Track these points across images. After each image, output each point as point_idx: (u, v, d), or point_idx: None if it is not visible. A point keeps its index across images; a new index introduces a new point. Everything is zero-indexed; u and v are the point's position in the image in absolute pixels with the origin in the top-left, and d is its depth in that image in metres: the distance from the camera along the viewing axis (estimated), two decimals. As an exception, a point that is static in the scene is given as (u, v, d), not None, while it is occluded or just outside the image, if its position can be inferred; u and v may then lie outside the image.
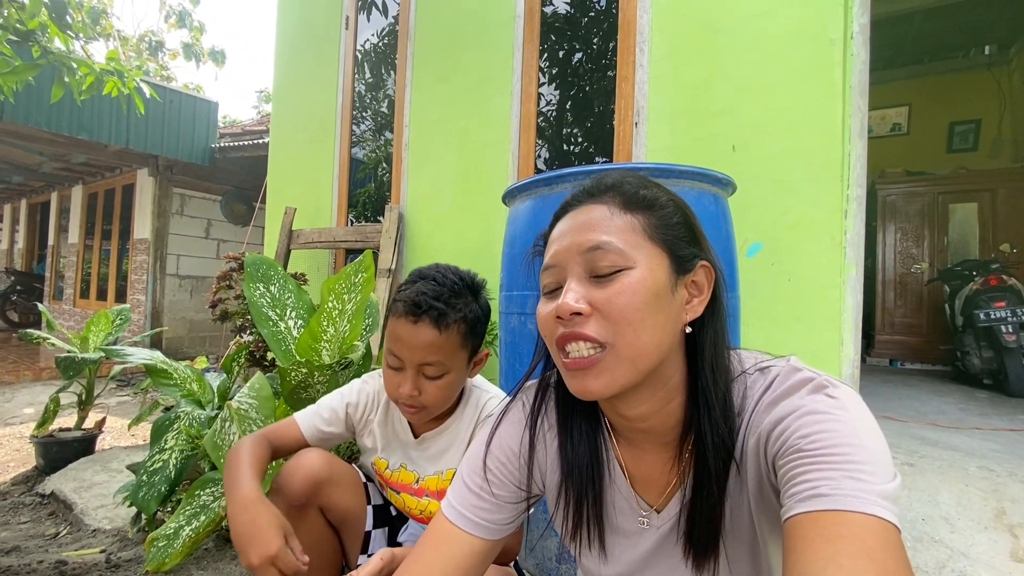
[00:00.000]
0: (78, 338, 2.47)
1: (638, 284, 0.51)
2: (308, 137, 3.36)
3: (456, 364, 0.91)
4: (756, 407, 0.52)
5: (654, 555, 0.60)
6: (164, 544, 1.22)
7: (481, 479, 0.64)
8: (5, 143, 5.54)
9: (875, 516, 0.39)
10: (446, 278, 0.91)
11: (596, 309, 0.51)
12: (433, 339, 0.86)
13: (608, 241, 0.52)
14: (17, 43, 2.70)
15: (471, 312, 0.91)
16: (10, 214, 9.11)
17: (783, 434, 0.47)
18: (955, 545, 1.31)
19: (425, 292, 0.87)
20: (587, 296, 0.52)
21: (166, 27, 6.06)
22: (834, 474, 0.41)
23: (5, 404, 3.89)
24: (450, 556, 0.60)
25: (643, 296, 0.51)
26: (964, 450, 1.88)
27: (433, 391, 0.90)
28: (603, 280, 0.52)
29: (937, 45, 4.41)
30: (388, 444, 1.05)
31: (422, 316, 0.86)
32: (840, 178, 1.57)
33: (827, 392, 0.48)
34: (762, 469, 0.51)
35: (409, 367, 0.89)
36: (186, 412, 1.54)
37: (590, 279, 0.53)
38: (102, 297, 6.78)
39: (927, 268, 4.14)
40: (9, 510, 2.05)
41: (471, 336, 0.91)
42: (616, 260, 0.52)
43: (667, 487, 0.59)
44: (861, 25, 1.60)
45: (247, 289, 1.54)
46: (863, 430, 0.44)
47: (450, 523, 0.62)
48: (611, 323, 0.51)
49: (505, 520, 0.64)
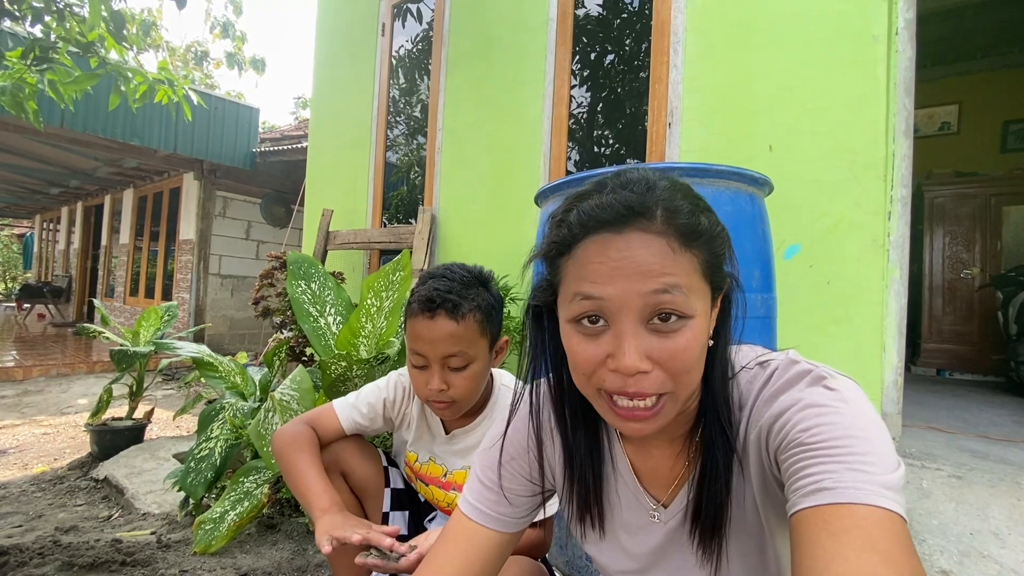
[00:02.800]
0: (130, 333, 2.61)
1: (700, 335, 0.48)
2: (345, 142, 3.46)
3: (478, 353, 0.93)
4: (756, 401, 0.52)
5: (664, 549, 0.61)
6: (211, 527, 1.28)
7: (494, 474, 0.65)
8: (64, 148, 5.90)
9: (879, 507, 0.39)
10: (454, 273, 0.95)
11: (657, 364, 0.47)
12: (452, 330, 0.90)
13: (676, 285, 0.46)
14: (77, 54, 2.88)
15: (484, 301, 0.94)
16: (67, 216, 9.66)
17: (784, 427, 0.47)
18: (1005, 561, 1.25)
19: (438, 288, 0.91)
20: (649, 349, 0.47)
21: (211, 37, 6.34)
22: (836, 467, 0.41)
23: (61, 395, 4.13)
24: (467, 549, 0.62)
25: (702, 345, 0.49)
26: (1018, 464, 1.78)
27: (461, 383, 0.92)
28: (664, 330, 0.47)
29: (989, 41, 4.20)
30: (419, 438, 1.09)
31: (437, 310, 0.90)
32: (883, 178, 1.52)
33: (826, 384, 0.48)
34: (764, 462, 0.51)
35: (433, 362, 0.92)
36: (231, 403, 1.61)
37: (647, 325, 0.47)
38: (150, 295, 7.12)
39: (978, 273, 3.94)
40: (66, 493, 2.18)
41: (488, 324, 0.94)
42: (680, 307, 0.47)
43: (673, 481, 0.60)
44: (907, 20, 1.55)
45: (290, 286, 1.61)
46: (864, 421, 0.44)
47: (466, 518, 0.64)
48: (670, 375, 0.48)
49: (519, 514, 0.65)
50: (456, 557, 0.61)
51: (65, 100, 2.87)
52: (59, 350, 5.83)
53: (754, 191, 1.26)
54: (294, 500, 1.56)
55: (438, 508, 1.09)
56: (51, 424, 3.33)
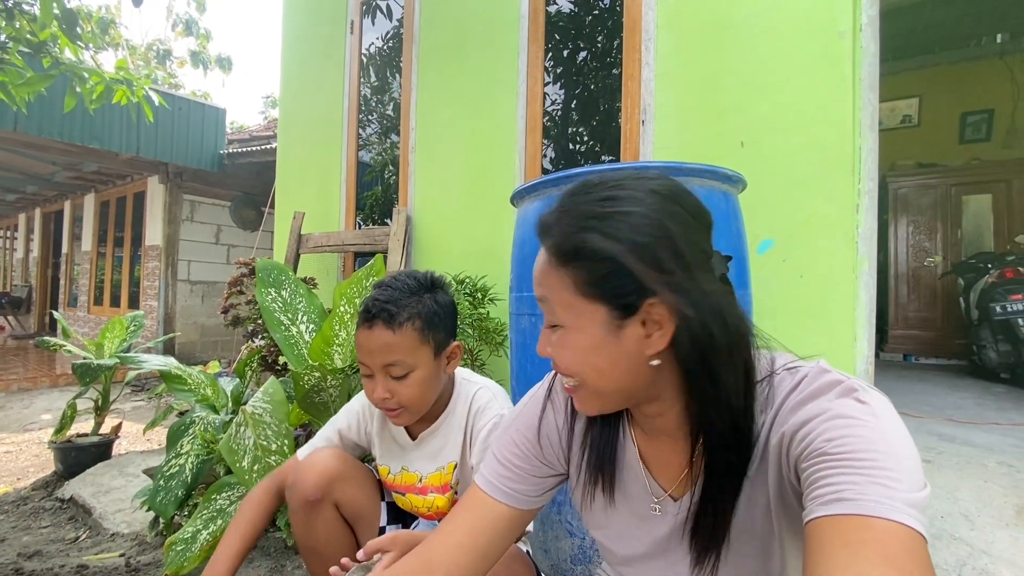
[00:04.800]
0: (93, 345, 2.50)
1: (573, 341, 0.54)
2: (315, 141, 3.38)
3: (419, 361, 0.93)
4: (782, 406, 0.52)
5: (668, 540, 0.61)
6: (182, 548, 1.23)
7: (509, 453, 0.68)
8: (19, 153, 5.63)
9: (899, 523, 0.38)
10: (399, 281, 0.96)
11: (554, 356, 0.57)
12: (388, 339, 0.91)
13: (545, 298, 0.56)
14: (29, 54, 2.74)
15: (424, 308, 0.94)
16: (25, 223, 9.25)
17: (808, 436, 0.46)
18: (975, 542, 1.29)
19: (377, 298, 0.93)
20: (548, 343, 0.57)
21: (173, 35, 6.12)
22: (859, 479, 0.40)
23: (23, 410, 3.95)
24: (479, 518, 0.65)
25: (578, 352, 0.54)
26: (982, 446, 1.85)
27: (404, 391, 0.93)
28: (553, 330, 0.56)
29: (948, 34, 4.34)
30: (387, 451, 1.08)
31: (375, 320, 0.91)
32: (851, 172, 1.55)
33: (857, 396, 0.47)
34: (783, 469, 0.50)
35: (376, 371, 0.93)
36: (201, 417, 1.56)
37: (548, 325, 0.57)
38: (115, 304, 6.87)
39: (941, 261, 4.08)
40: (30, 515, 2.08)
41: (429, 331, 0.94)
42: (555, 316, 0.56)
43: (681, 475, 0.60)
44: (870, 17, 1.58)
45: (259, 294, 1.56)
46: (893, 437, 0.43)
47: (482, 491, 0.67)
48: (566, 368, 0.56)
49: (532, 492, 0.68)
50: (467, 523, 0.64)
51: (17, 102, 2.74)
52: (20, 363, 5.58)
53: (727, 188, 1.27)
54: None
55: (419, 515, 1.09)
56: (13, 442, 3.18)
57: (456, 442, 1.02)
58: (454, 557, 0.60)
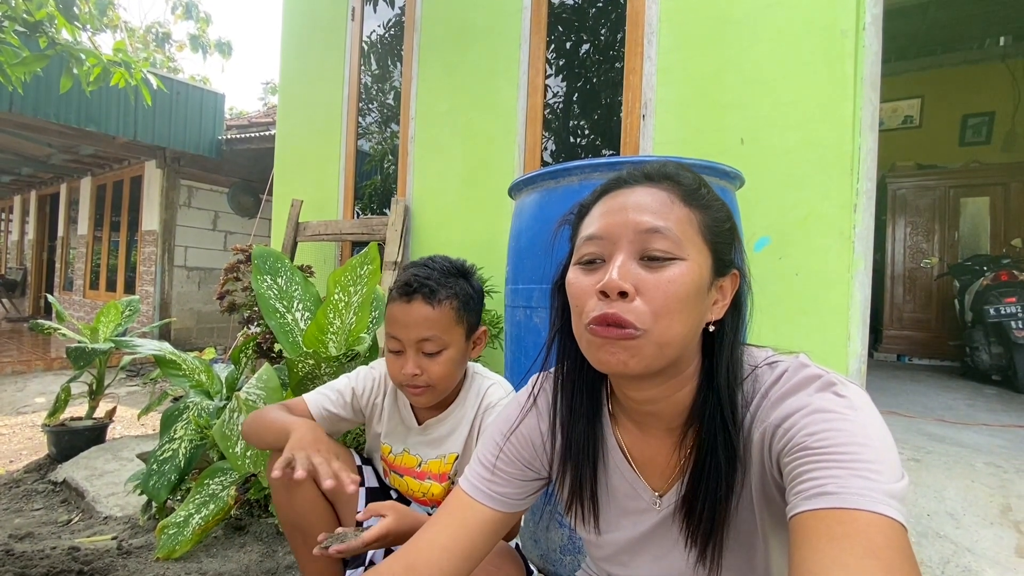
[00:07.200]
0: (88, 329, 2.50)
1: (686, 276, 0.51)
2: (314, 129, 3.36)
3: (453, 339, 0.95)
4: (763, 401, 0.53)
5: (653, 536, 0.62)
6: (175, 532, 1.24)
7: (492, 456, 0.69)
8: (14, 135, 5.58)
9: (882, 515, 0.38)
10: (435, 263, 0.98)
11: (641, 293, 0.51)
12: (428, 314, 0.92)
13: (668, 227, 0.52)
14: (25, 34, 2.70)
15: (462, 290, 0.96)
16: (20, 206, 9.19)
17: (789, 431, 0.47)
18: (960, 540, 1.31)
19: (417, 274, 0.94)
20: (636, 277, 0.51)
21: (172, 18, 6.05)
22: (841, 472, 0.41)
23: (17, 393, 3.95)
24: (463, 521, 0.65)
25: (687, 289, 0.51)
26: (971, 446, 1.87)
27: (435, 368, 0.94)
28: (654, 265, 0.52)
29: (951, 36, 4.33)
30: (393, 430, 1.09)
31: (414, 294, 0.92)
32: (850, 172, 1.55)
33: (835, 390, 0.48)
34: (766, 464, 0.51)
35: (408, 347, 0.94)
36: (195, 403, 1.56)
37: (639, 260, 0.52)
38: (111, 288, 6.84)
39: (937, 263, 4.10)
40: (22, 497, 2.09)
41: (465, 312, 0.96)
42: (671, 248, 0.52)
43: (670, 472, 0.61)
44: (873, 16, 1.57)
45: (255, 281, 1.55)
46: (871, 429, 0.44)
47: (466, 494, 0.67)
48: (652, 309, 0.50)
49: (515, 495, 0.68)
50: (450, 527, 0.64)
51: (13, 83, 2.70)
52: (14, 346, 5.57)
53: (726, 185, 1.27)
54: (263, 500, 1.52)
55: (413, 499, 1.09)
56: (6, 424, 3.18)
57: (462, 434, 1.02)
58: (438, 561, 0.61)
